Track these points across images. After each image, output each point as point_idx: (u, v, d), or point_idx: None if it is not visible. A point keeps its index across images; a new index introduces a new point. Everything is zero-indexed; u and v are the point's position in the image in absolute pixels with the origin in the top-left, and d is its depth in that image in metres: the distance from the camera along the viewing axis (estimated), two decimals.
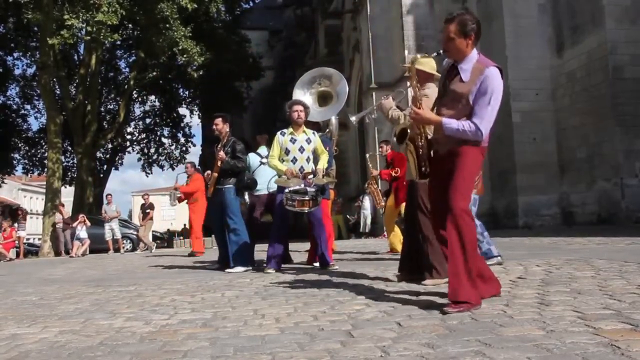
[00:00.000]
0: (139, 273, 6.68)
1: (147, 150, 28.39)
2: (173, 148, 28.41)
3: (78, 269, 8.30)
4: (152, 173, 28.71)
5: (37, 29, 18.66)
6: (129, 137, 28.07)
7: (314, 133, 5.85)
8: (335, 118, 7.03)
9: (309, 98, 6.82)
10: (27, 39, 21.49)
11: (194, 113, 28.75)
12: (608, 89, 12.60)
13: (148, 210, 14.57)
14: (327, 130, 7.08)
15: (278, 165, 5.53)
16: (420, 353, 2.04)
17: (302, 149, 5.59)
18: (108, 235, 14.83)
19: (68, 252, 14.71)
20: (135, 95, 26.14)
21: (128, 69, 25.60)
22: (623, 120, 12.46)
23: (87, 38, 17.15)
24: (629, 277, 3.68)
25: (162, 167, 28.61)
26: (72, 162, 25.99)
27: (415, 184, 4.21)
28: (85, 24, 15.96)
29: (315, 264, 5.93)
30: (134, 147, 28.35)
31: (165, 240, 28.17)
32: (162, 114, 28.05)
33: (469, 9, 13.12)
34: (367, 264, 5.84)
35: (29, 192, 57.36)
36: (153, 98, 27.40)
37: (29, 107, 26.90)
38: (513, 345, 2.07)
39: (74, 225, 14.56)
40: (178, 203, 10.57)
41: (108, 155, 27.21)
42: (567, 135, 14.00)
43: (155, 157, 28.46)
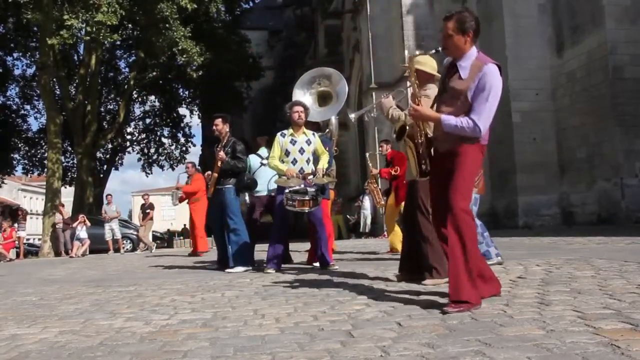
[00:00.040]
0: (139, 273, 6.68)
1: (147, 150, 28.40)
2: (173, 148, 28.47)
3: (78, 269, 8.29)
4: (152, 173, 28.75)
5: (36, 29, 18.65)
6: (129, 137, 28.10)
7: (314, 134, 5.84)
8: (335, 118, 7.03)
9: (309, 98, 6.82)
10: (26, 39, 21.47)
11: (194, 113, 28.77)
12: (608, 89, 12.60)
13: (148, 211, 14.57)
14: (327, 131, 7.08)
15: (279, 166, 5.53)
16: (420, 353, 2.04)
17: (302, 150, 5.59)
18: (108, 236, 14.83)
19: (68, 252, 14.71)
20: (135, 95, 26.13)
21: (128, 69, 25.64)
22: (623, 120, 12.46)
23: (86, 38, 17.14)
24: (629, 276, 3.68)
25: (162, 167, 28.63)
26: (72, 162, 25.99)
27: (415, 185, 4.21)
28: (85, 24, 15.95)
29: (315, 264, 5.93)
30: (134, 147, 28.37)
31: (165, 241, 28.18)
32: (162, 114, 28.05)
33: (469, 9, 13.12)
34: (367, 264, 5.83)
35: (29, 192, 57.37)
36: (153, 98, 27.44)
37: (29, 107, 26.94)
38: (513, 345, 2.07)
39: (74, 226, 14.55)
40: (179, 203, 10.59)
41: (108, 155, 27.20)
42: (567, 135, 14.00)
43: (155, 157, 28.47)
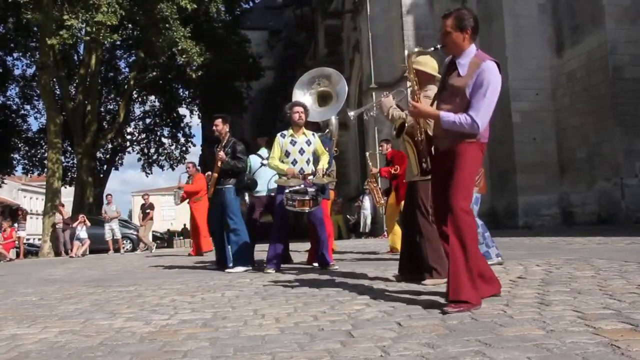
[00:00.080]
0: (139, 273, 6.68)
1: (147, 150, 28.41)
2: (173, 148, 28.49)
3: (78, 269, 8.29)
4: (152, 173, 28.77)
5: (36, 29, 18.65)
6: (129, 137, 28.11)
7: (314, 134, 5.84)
8: (335, 118, 7.03)
9: (309, 98, 6.82)
10: (26, 39, 21.48)
11: (194, 113, 28.78)
12: (608, 89, 12.60)
13: (148, 211, 14.58)
14: (327, 131, 7.08)
15: (279, 165, 5.53)
16: (420, 353, 2.04)
17: (302, 151, 5.59)
18: (108, 236, 14.83)
19: (67, 252, 14.71)
20: (135, 95, 26.14)
21: (128, 69, 25.64)
22: (623, 120, 12.46)
23: (86, 38, 17.14)
24: (629, 276, 3.68)
25: (162, 167, 28.64)
26: (72, 162, 25.99)
27: (415, 185, 4.21)
28: (85, 24, 15.95)
29: (315, 264, 5.93)
30: (134, 147, 28.39)
31: (165, 241, 28.20)
32: (162, 114, 28.05)
33: (468, 7, 13.12)
34: (367, 264, 5.83)
35: (29, 192, 57.37)
36: (153, 98, 27.45)
37: (29, 107, 26.95)
38: (513, 345, 2.07)
39: (74, 226, 14.55)
40: (180, 202, 10.60)
41: (108, 155, 27.21)
42: (567, 135, 14.00)
43: (155, 157, 28.49)
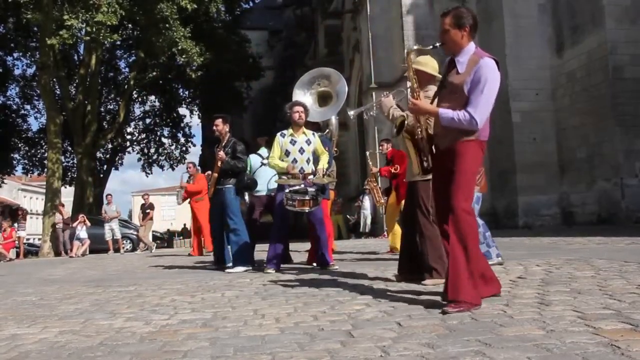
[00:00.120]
0: (139, 273, 6.68)
1: (147, 150, 28.40)
2: (173, 148, 28.49)
3: (78, 269, 8.29)
4: (152, 173, 28.77)
5: (36, 29, 18.65)
6: (129, 137, 28.10)
7: (314, 134, 5.85)
8: (335, 118, 7.04)
9: (309, 98, 6.83)
10: (27, 39, 21.47)
11: (194, 113, 28.77)
12: (608, 89, 12.60)
13: (148, 211, 14.58)
14: (327, 131, 7.08)
15: (279, 164, 5.54)
16: (420, 353, 2.04)
17: (302, 150, 5.59)
18: (108, 236, 14.83)
19: (67, 252, 14.71)
20: (135, 95, 26.14)
21: (128, 69, 25.63)
22: (623, 120, 12.46)
23: (86, 38, 17.13)
24: (629, 277, 3.68)
25: (162, 167, 28.64)
26: (72, 162, 25.99)
27: (416, 185, 4.21)
28: (85, 24, 15.94)
29: (315, 264, 5.93)
30: (134, 147, 28.38)
31: (165, 241, 28.20)
32: (162, 114, 28.05)
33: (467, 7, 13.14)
34: (367, 264, 5.84)
35: (29, 192, 57.36)
36: (153, 98, 27.44)
37: (29, 107, 26.94)
38: (513, 345, 2.07)
39: (74, 226, 14.55)
40: (182, 202, 10.60)
41: (108, 155, 27.21)
42: (567, 135, 14.01)
43: (155, 157, 28.48)
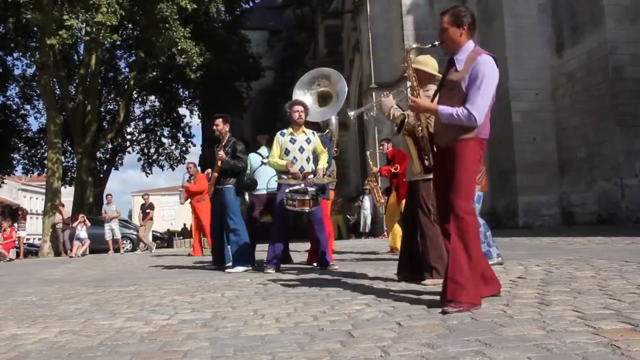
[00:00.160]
0: (139, 273, 6.68)
1: (147, 150, 28.41)
2: (173, 148, 28.49)
3: (78, 269, 8.29)
4: (152, 173, 28.77)
5: (36, 29, 18.64)
6: (129, 137, 28.10)
7: (314, 133, 5.85)
8: (335, 118, 7.03)
9: (309, 98, 6.83)
10: (26, 39, 21.45)
11: (194, 113, 28.76)
12: (608, 89, 12.60)
13: (148, 211, 14.58)
14: (327, 131, 7.08)
15: (278, 162, 5.54)
16: (420, 353, 2.04)
17: (302, 149, 5.60)
18: (108, 236, 14.84)
19: (66, 252, 14.71)
20: (135, 95, 26.13)
21: (128, 69, 25.63)
22: (623, 120, 12.46)
23: (86, 38, 17.12)
24: (629, 277, 3.68)
25: (162, 167, 28.65)
26: (72, 162, 25.98)
27: (416, 184, 4.21)
28: (85, 24, 15.94)
29: (315, 264, 5.93)
30: (134, 147, 28.38)
31: (165, 241, 28.17)
32: (162, 114, 28.05)
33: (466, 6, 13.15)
34: (367, 264, 5.84)
35: (29, 192, 57.36)
36: (153, 98, 27.44)
37: (29, 107, 26.93)
38: (513, 345, 2.07)
39: (74, 226, 14.56)
40: (185, 202, 10.60)
41: (108, 155, 27.21)
42: (567, 135, 14.00)
43: (155, 157, 28.49)
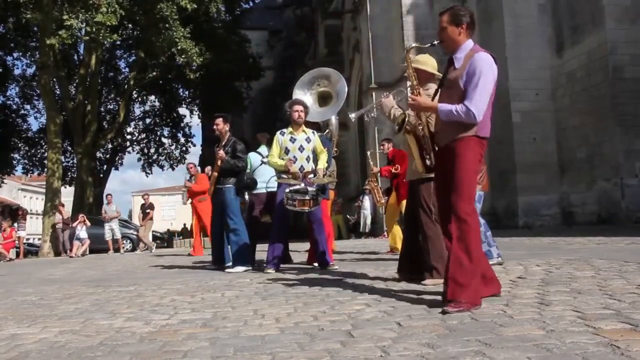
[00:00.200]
0: (139, 273, 6.68)
1: (147, 150, 28.40)
2: (173, 148, 28.48)
3: (78, 269, 8.29)
4: (152, 173, 28.76)
5: (36, 29, 18.64)
6: (129, 137, 28.10)
7: (314, 132, 5.86)
8: (335, 118, 7.03)
9: (309, 98, 6.83)
10: (26, 39, 21.45)
11: (194, 113, 28.77)
12: (608, 89, 12.60)
13: (148, 210, 14.57)
14: (327, 131, 7.08)
15: (278, 162, 5.55)
16: (420, 353, 2.04)
17: (301, 148, 5.60)
18: (108, 235, 14.84)
19: (66, 252, 14.71)
20: (135, 95, 26.13)
21: (128, 69, 25.63)
22: (623, 120, 12.46)
23: (86, 38, 17.12)
24: (629, 277, 3.68)
25: (162, 167, 28.64)
26: (72, 162, 25.98)
27: (417, 184, 4.20)
28: (85, 24, 15.93)
29: (315, 264, 5.93)
30: (134, 147, 28.37)
31: (165, 240, 28.16)
32: (162, 114, 28.05)
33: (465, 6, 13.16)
34: (367, 264, 5.84)
35: (29, 192, 57.34)
36: (153, 98, 27.43)
37: (29, 107, 26.92)
38: (513, 345, 2.07)
39: (74, 225, 14.56)
40: (187, 202, 10.62)
41: (108, 155, 27.21)
42: (567, 135, 14.00)
43: (155, 157, 28.48)
